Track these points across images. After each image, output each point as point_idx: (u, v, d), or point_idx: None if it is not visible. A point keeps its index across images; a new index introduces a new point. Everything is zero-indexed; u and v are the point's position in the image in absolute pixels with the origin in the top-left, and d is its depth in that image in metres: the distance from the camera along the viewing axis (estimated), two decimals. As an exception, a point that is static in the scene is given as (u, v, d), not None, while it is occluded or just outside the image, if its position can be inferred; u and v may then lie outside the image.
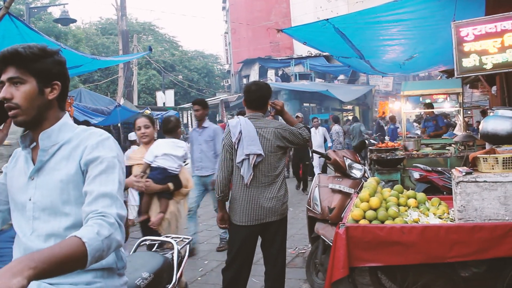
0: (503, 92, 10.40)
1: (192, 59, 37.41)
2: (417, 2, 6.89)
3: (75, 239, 1.43)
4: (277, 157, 3.71)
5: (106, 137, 1.79)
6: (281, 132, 3.72)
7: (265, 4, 33.58)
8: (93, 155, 1.72)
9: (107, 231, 1.53)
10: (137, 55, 17.37)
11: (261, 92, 3.81)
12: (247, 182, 3.60)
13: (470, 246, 2.98)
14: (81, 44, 26.04)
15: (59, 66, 1.79)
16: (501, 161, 3.09)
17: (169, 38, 40.81)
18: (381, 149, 8.14)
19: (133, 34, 24.90)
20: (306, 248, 6.16)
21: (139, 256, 2.54)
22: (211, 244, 6.92)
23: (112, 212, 1.61)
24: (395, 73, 15.95)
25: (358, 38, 8.46)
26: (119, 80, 18.22)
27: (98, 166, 1.71)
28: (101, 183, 1.68)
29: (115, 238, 1.57)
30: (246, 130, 3.62)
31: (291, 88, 23.23)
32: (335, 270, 3.06)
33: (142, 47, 24.08)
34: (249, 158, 3.57)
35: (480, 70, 5.92)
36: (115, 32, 29.12)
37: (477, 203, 3.04)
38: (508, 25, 5.51)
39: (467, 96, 18.92)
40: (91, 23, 37.44)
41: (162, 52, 36.30)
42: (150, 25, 39.41)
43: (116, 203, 1.66)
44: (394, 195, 3.73)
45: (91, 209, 1.61)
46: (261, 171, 3.63)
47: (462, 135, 8.40)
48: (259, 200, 3.62)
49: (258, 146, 3.59)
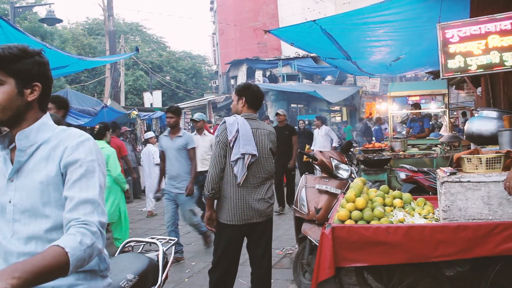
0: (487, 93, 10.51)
1: (179, 60, 37.29)
2: (403, 3, 6.94)
3: (58, 249, 1.43)
4: (269, 159, 3.74)
5: (86, 138, 1.76)
6: (273, 136, 3.82)
7: (253, 5, 33.61)
8: (72, 157, 1.69)
9: (89, 240, 1.53)
10: (124, 56, 17.27)
11: (261, 94, 3.89)
12: (240, 182, 3.58)
13: (455, 246, 3.00)
14: (68, 44, 25.86)
15: (40, 67, 1.74)
16: (485, 161, 3.13)
17: (156, 39, 40.66)
18: (368, 149, 8.18)
19: (120, 34, 24.78)
20: (293, 249, 6.17)
21: (124, 258, 2.52)
22: (198, 245, 6.90)
23: (94, 219, 1.60)
24: (382, 74, 16.04)
25: (345, 39, 8.50)
26: (106, 81, 18.10)
27: (78, 169, 1.68)
28: (82, 188, 1.65)
29: (97, 246, 1.56)
30: (243, 129, 3.62)
31: (279, 89, 23.27)
32: (321, 271, 3.07)
33: (129, 47, 23.96)
34: (244, 157, 3.57)
35: (465, 72, 5.98)
36: (102, 33, 28.94)
37: (461, 203, 3.07)
38: (492, 27, 5.57)
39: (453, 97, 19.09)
40: (77, 23, 37.18)
41: (149, 53, 36.15)
42: (137, 25, 39.23)
43: (98, 209, 1.64)
44: (380, 196, 3.75)
45: (73, 217, 1.59)
46: (253, 172, 3.64)
47: (447, 136, 8.48)
48: (248, 201, 3.62)
49: (254, 147, 3.60)
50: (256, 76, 27.58)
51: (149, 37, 40.16)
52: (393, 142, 8.96)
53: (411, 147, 9.12)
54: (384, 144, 9.04)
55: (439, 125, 14.64)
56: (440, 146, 8.57)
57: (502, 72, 6.77)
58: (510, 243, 2.89)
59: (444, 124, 11.82)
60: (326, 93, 21.75)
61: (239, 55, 30.87)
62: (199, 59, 42.35)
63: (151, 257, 2.61)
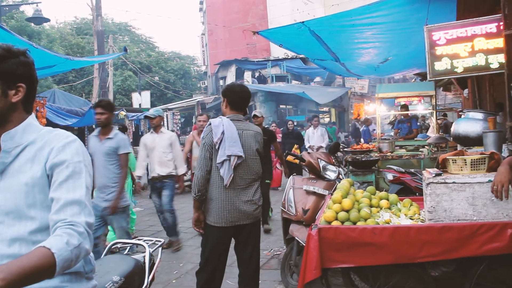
0: (474, 95, 10.63)
1: (168, 60, 37.14)
2: (391, 6, 7.00)
3: (44, 250, 1.41)
4: (256, 161, 3.74)
5: (72, 140, 1.74)
6: (260, 137, 3.80)
7: (242, 6, 33.65)
8: (59, 158, 1.68)
9: (76, 241, 1.52)
10: (112, 56, 17.17)
11: (245, 94, 3.85)
12: (226, 183, 3.58)
13: (440, 246, 3.03)
14: (55, 44, 25.64)
15: (24, 67, 1.71)
16: (469, 162, 3.16)
17: (145, 39, 40.44)
18: (356, 150, 8.22)
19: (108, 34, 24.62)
20: (281, 250, 6.18)
21: (110, 260, 2.51)
22: (186, 246, 6.89)
23: (81, 220, 1.59)
24: (370, 76, 16.13)
25: (333, 40, 8.55)
26: (94, 81, 17.98)
27: (64, 171, 1.67)
28: (68, 189, 1.64)
29: (84, 247, 1.55)
30: (228, 131, 3.61)
31: (268, 89, 23.31)
32: (308, 272, 3.08)
33: (118, 47, 23.81)
34: (230, 159, 3.57)
35: (452, 74, 6.05)
36: (90, 32, 28.77)
37: (446, 203, 3.10)
38: (478, 30, 5.64)
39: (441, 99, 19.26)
40: (65, 22, 36.84)
41: (138, 53, 35.95)
42: (126, 25, 39.00)
43: (85, 210, 1.63)
44: (367, 197, 3.77)
45: (59, 218, 1.58)
46: (239, 173, 3.64)
47: (435, 137, 8.54)
48: (235, 202, 3.62)
49: (240, 148, 3.59)
50: (245, 77, 27.61)
51: (138, 37, 39.94)
52: (381, 143, 9.01)
53: (398, 148, 9.18)
54: (372, 145, 9.10)
55: (426, 126, 14.73)
56: (427, 147, 8.64)
57: (488, 74, 6.84)
58: (493, 243, 2.92)
59: (431, 126, 11.90)
60: (314, 94, 21.83)
61: (228, 55, 30.91)
62: (188, 60, 42.19)
63: (137, 258, 2.60)
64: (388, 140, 9.75)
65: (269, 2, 33.57)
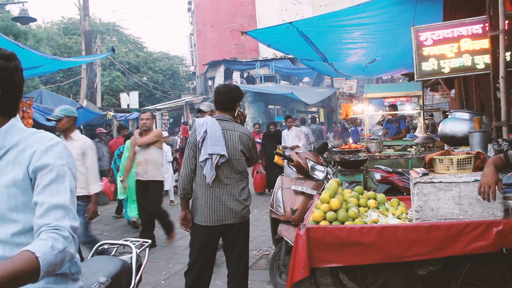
0: (461, 95, 10.70)
1: (157, 61, 37.00)
2: (378, 6, 7.04)
3: (28, 254, 1.40)
4: (240, 161, 3.73)
5: (55, 142, 1.71)
6: (246, 139, 3.76)
7: (230, 6, 33.64)
8: (42, 162, 1.65)
9: (61, 245, 1.50)
10: (100, 56, 17.07)
11: (228, 94, 3.84)
12: (208, 182, 3.61)
13: (427, 245, 3.05)
14: (42, 44, 25.39)
15: (2, 72, 1.67)
16: (456, 162, 3.19)
17: (133, 39, 40.26)
18: (344, 150, 8.26)
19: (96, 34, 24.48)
20: (270, 250, 6.19)
21: (96, 261, 2.50)
22: (175, 247, 6.88)
23: (66, 224, 1.57)
24: (358, 76, 16.21)
25: (321, 41, 8.58)
26: (82, 81, 17.85)
27: (48, 174, 1.64)
28: (52, 193, 1.62)
29: (69, 251, 1.53)
30: (211, 130, 3.63)
31: (256, 90, 23.32)
32: (296, 271, 3.09)
33: (106, 47, 23.65)
34: (212, 158, 3.58)
35: (439, 74, 6.09)
36: (78, 32, 28.55)
37: (433, 203, 3.12)
38: (464, 30, 5.68)
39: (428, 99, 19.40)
40: (52, 22, 36.59)
41: (126, 53, 35.78)
42: (114, 25, 38.80)
43: (69, 214, 1.61)
44: (355, 196, 3.79)
45: (44, 222, 1.56)
46: (224, 172, 3.65)
47: (422, 137, 8.61)
48: (220, 201, 3.64)
49: (222, 147, 3.60)
50: (234, 77, 27.60)
51: (126, 37, 39.75)
52: (369, 143, 9.05)
53: (386, 148, 9.23)
54: (360, 145, 9.15)
55: (414, 126, 14.84)
56: (415, 147, 8.70)
57: (474, 75, 6.90)
58: (479, 242, 2.95)
59: (419, 126, 11.99)
60: (303, 95, 21.88)
61: (216, 56, 30.87)
62: (176, 60, 42.10)
63: (124, 259, 2.59)
64: (376, 140, 9.81)
65: (257, 3, 33.59)
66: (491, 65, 4.99)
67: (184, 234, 7.44)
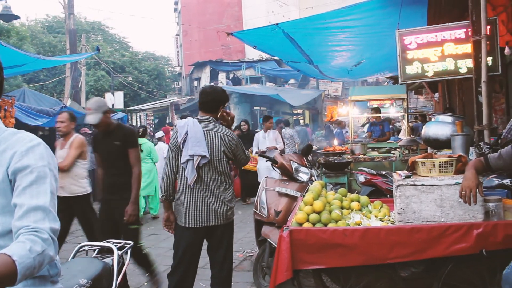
0: (444, 98, 10.85)
1: (142, 61, 36.75)
2: (364, 10, 7.09)
3: (5, 257, 1.36)
4: (222, 162, 3.70)
5: (36, 143, 1.68)
6: (228, 140, 3.72)
7: (217, 7, 33.58)
8: (22, 163, 1.62)
9: (40, 247, 1.47)
10: (84, 55, 16.92)
11: (212, 96, 3.81)
12: (190, 183, 3.61)
13: (409, 247, 3.08)
14: (25, 42, 25.03)
15: None
16: (438, 165, 3.22)
17: (119, 39, 39.96)
18: (329, 152, 8.30)
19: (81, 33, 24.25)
20: (254, 252, 6.18)
21: (77, 262, 2.47)
22: (159, 248, 6.84)
23: (45, 226, 1.54)
24: (343, 78, 16.31)
25: (307, 43, 8.61)
26: (66, 81, 17.67)
27: (28, 176, 1.61)
28: (32, 195, 1.58)
29: (48, 254, 1.50)
30: (192, 131, 3.62)
31: (242, 91, 23.28)
32: (279, 273, 3.09)
33: (91, 47, 23.43)
34: (193, 159, 3.57)
35: (422, 77, 6.16)
36: (62, 31, 28.23)
37: (415, 205, 3.15)
38: (447, 35, 5.75)
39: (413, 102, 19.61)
40: (37, 20, 36.06)
41: (111, 53, 35.48)
42: (99, 24, 38.47)
43: (49, 216, 1.58)
44: (338, 198, 3.81)
45: (23, 224, 1.52)
46: (206, 173, 3.64)
47: (406, 140, 8.69)
48: (203, 203, 3.63)
49: (203, 148, 3.59)
50: (220, 78, 27.53)
51: (112, 36, 39.43)
52: (354, 145, 9.11)
53: (371, 151, 9.30)
54: (344, 147, 9.20)
55: (398, 129, 14.97)
56: (399, 150, 8.77)
57: (457, 78, 6.99)
58: (460, 244, 2.99)
59: (403, 128, 12.10)
60: (289, 96, 21.88)
61: (202, 57, 30.79)
62: (162, 60, 41.86)
63: (105, 261, 2.57)
64: (361, 143, 9.87)
65: (244, 4, 33.59)
66: (474, 69, 5.05)
67: (168, 235, 7.41)
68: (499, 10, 5.92)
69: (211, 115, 3.80)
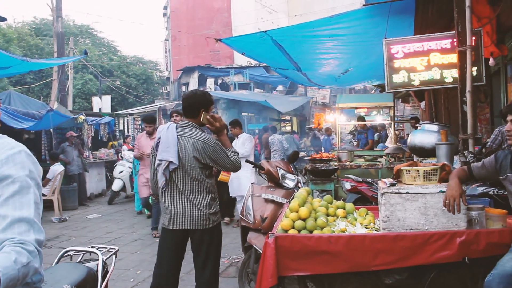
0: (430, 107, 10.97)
1: (130, 65, 36.64)
2: (352, 18, 7.16)
3: None
4: (195, 168, 3.63)
5: (17, 151, 1.65)
6: (201, 145, 3.62)
7: (206, 13, 33.60)
8: (2, 173, 1.59)
9: (25, 259, 1.45)
10: (72, 59, 16.84)
11: (191, 100, 3.77)
12: (160, 186, 3.70)
13: (393, 255, 3.11)
14: (12, 44, 24.90)
15: None
16: (422, 173, 3.26)
17: (107, 43, 39.82)
18: (315, 159, 8.33)
19: (69, 36, 24.13)
20: (240, 258, 6.18)
21: (61, 268, 2.45)
22: (144, 254, 6.80)
23: (31, 238, 1.52)
24: (331, 86, 16.41)
25: (295, 50, 8.65)
26: (53, 84, 17.55)
27: (10, 186, 1.58)
28: (15, 206, 1.55)
29: (33, 265, 1.49)
30: (164, 137, 3.68)
31: (230, 97, 23.31)
32: (264, 280, 3.10)
33: (78, 50, 23.30)
34: (161, 163, 3.63)
35: (409, 86, 6.21)
36: (50, 34, 28.09)
37: (400, 213, 3.19)
38: (433, 45, 5.82)
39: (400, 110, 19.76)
40: (24, 22, 35.81)
41: (99, 56, 35.29)
42: (88, 28, 38.30)
43: (34, 227, 1.56)
44: (324, 205, 3.83)
45: (7, 237, 1.50)
46: (179, 178, 3.65)
47: (392, 148, 8.76)
48: (176, 206, 3.67)
49: (171, 154, 3.59)
50: (208, 83, 27.54)
51: (100, 40, 39.27)
52: (340, 152, 9.16)
53: (357, 158, 9.35)
54: (331, 154, 9.24)
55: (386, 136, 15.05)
56: (385, 157, 8.84)
57: (443, 88, 7.06)
58: (444, 251, 3.03)
59: (390, 136, 12.19)
60: (276, 103, 21.96)
61: (191, 62, 30.77)
62: (150, 65, 41.77)
63: (90, 266, 2.55)
64: (348, 150, 9.93)
65: (233, 10, 33.65)
66: (459, 79, 5.12)
67: (153, 241, 7.39)
68: (484, 21, 6.01)
69: (192, 120, 3.78)
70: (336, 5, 24.96)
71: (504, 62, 6.94)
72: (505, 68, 6.96)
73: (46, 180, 10.19)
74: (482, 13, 6.06)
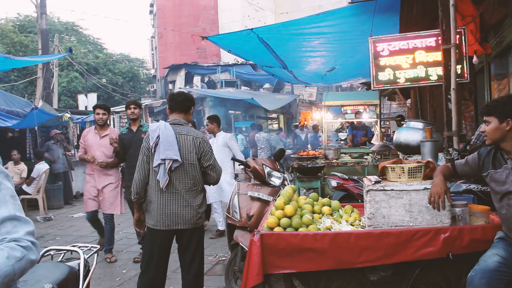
0: (416, 105, 11.06)
1: (117, 63, 36.40)
2: (337, 17, 7.17)
3: None
4: (194, 166, 3.71)
5: None
6: (199, 142, 3.73)
7: (193, 10, 33.50)
8: None
9: (19, 253, 1.45)
10: (57, 56, 16.66)
11: (184, 96, 3.91)
12: (162, 187, 3.62)
13: (378, 252, 3.13)
14: (-5, 41, 24.58)
15: None
16: (407, 171, 3.28)
17: (93, 40, 39.51)
18: (302, 157, 8.34)
19: (54, 33, 23.88)
20: (226, 256, 6.17)
21: (41, 267, 2.41)
22: (130, 252, 6.76)
23: (21, 234, 1.52)
24: (317, 84, 16.44)
25: (281, 48, 8.65)
26: (38, 81, 17.36)
27: None
28: None
29: (29, 258, 1.48)
30: (164, 135, 3.64)
31: (217, 95, 23.24)
32: (250, 277, 3.10)
33: (64, 47, 23.08)
34: (165, 163, 3.58)
35: (394, 84, 6.25)
36: (34, 31, 27.77)
37: (385, 210, 3.20)
38: (418, 43, 5.87)
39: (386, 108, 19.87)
40: (7, 19, 35.31)
41: (85, 54, 35.03)
42: (73, 25, 37.96)
43: (20, 221, 1.55)
44: (309, 203, 3.84)
45: None
46: (177, 177, 3.64)
47: (378, 145, 8.78)
48: (173, 206, 3.65)
49: (175, 152, 3.60)
50: (195, 81, 27.45)
51: (86, 37, 38.95)
52: (327, 150, 9.18)
53: (344, 155, 9.38)
54: (318, 151, 9.25)
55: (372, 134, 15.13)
56: (371, 155, 8.88)
57: (428, 85, 7.12)
58: (428, 248, 3.05)
59: (376, 134, 12.25)
60: (263, 101, 21.94)
61: (178, 59, 30.64)
62: (137, 63, 41.52)
63: (71, 265, 2.52)
64: (334, 147, 9.95)
65: (220, 7, 33.59)
66: (444, 77, 5.17)
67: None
68: (468, 20, 6.07)
69: (184, 116, 3.82)
70: (322, 3, 24.98)
71: (487, 60, 7.02)
72: (488, 66, 7.03)
73: (31, 179, 10.08)
74: (466, 11, 6.12)
